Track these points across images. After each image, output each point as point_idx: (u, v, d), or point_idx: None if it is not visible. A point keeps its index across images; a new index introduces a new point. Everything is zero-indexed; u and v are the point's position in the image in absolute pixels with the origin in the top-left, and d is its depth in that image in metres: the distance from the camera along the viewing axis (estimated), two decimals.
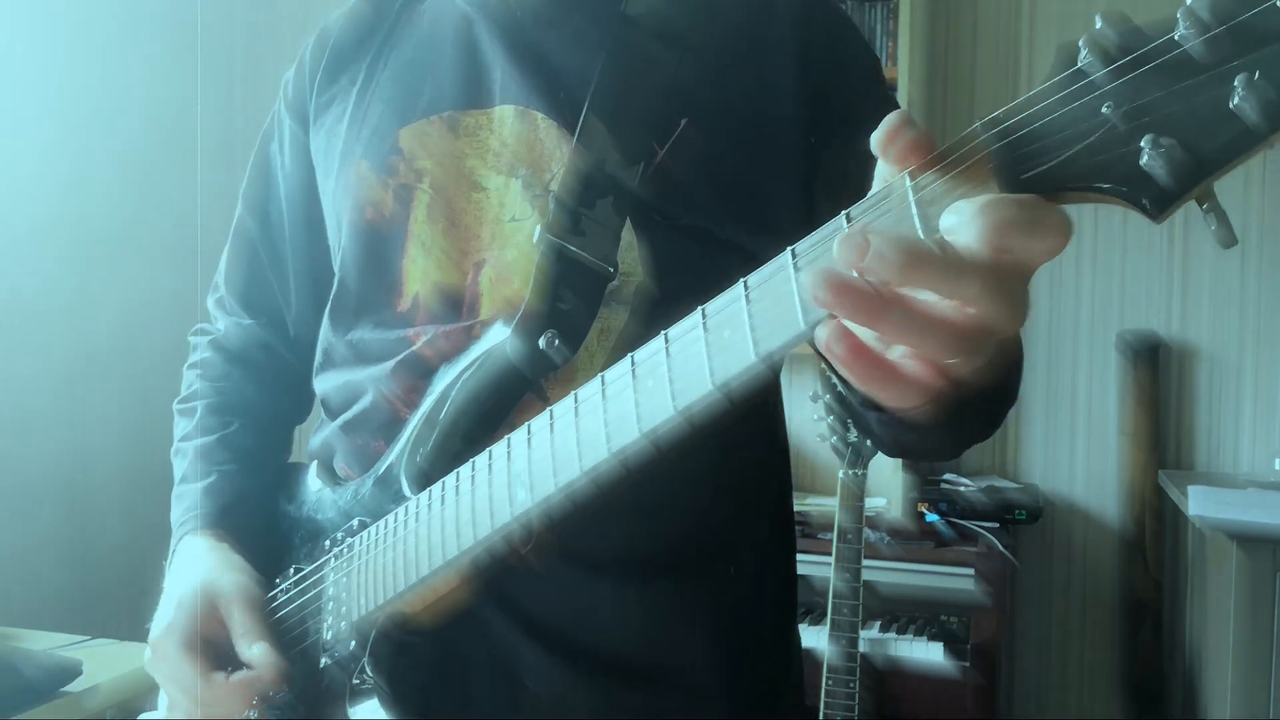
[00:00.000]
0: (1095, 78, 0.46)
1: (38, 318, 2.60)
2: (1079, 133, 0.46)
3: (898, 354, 0.52)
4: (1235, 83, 0.42)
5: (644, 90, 0.90)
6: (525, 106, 0.93)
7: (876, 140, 0.51)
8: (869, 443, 1.97)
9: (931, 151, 0.51)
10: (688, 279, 0.86)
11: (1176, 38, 0.44)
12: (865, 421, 0.76)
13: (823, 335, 0.50)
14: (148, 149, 2.90)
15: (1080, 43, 0.46)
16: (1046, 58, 2.88)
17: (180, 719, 0.96)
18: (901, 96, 2.63)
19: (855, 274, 0.48)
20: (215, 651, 0.93)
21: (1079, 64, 0.47)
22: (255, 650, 0.91)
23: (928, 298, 0.49)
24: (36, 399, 2.59)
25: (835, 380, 0.71)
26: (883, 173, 0.55)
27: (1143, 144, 0.45)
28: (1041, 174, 0.47)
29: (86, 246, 2.72)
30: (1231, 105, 0.43)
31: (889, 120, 0.51)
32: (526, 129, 0.92)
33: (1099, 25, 0.46)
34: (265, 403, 1.15)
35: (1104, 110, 0.45)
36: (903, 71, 2.65)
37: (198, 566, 0.98)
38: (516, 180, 0.92)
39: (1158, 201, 0.46)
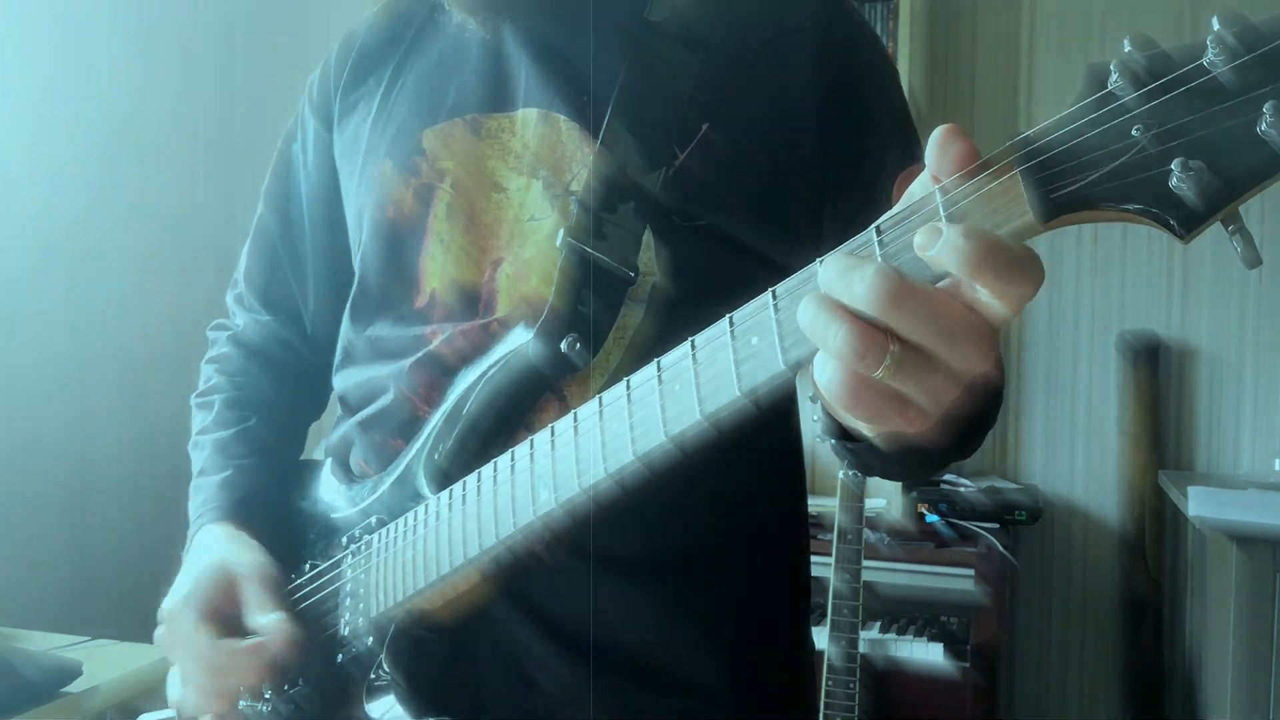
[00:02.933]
0: (1126, 100, 0.47)
1: (37, 319, 2.59)
2: (1109, 153, 0.48)
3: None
4: (1264, 109, 0.44)
5: (666, 95, 0.91)
6: (548, 110, 0.94)
7: (928, 154, 0.54)
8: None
9: (970, 163, 0.52)
10: (704, 280, 0.88)
11: (1205, 63, 0.45)
12: (842, 453, 0.77)
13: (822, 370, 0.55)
14: (147, 149, 2.89)
15: (1111, 66, 0.47)
16: (1046, 58, 2.89)
17: (192, 690, 0.97)
18: None
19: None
20: (229, 625, 0.95)
21: (1109, 87, 0.48)
22: (267, 618, 0.93)
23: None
24: (36, 400, 2.58)
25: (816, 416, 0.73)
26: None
27: (1172, 166, 0.46)
28: (1072, 193, 0.49)
29: (86, 248, 2.71)
30: (1259, 130, 0.44)
31: (938, 133, 0.53)
32: (549, 131, 0.93)
33: (1128, 49, 0.47)
34: (283, 398, 1.17)
35: (1134, 132, 0.47)
36: (903, 71, 2.64)
37: (215, 548, 1.00)
38: (537, 181, 0.93)
39: (1185, 222, 0.47)
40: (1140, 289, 2.84)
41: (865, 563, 2.26)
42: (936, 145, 0.53)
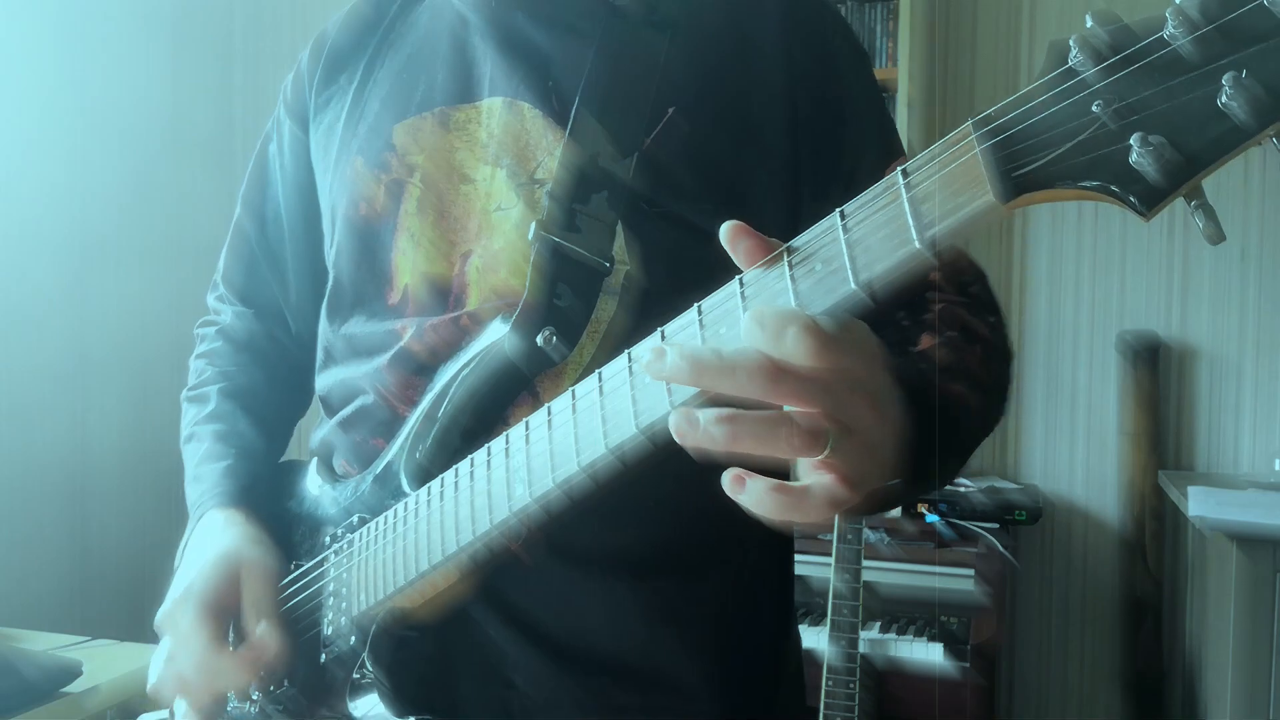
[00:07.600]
0: (1086, 76, 0.47)
1: (37, 318, 2.60)
2: (1069, 130, 0.47)
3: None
4: (1224, 81, 0.43)
5: (634, 80, 0.91)
6: (513, 98, 0.93)
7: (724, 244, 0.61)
8: None
9: (769, 253, 0.59)
10: (677, 269, 0.87)
11: (1165, 36, 0.45)
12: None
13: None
14: (147, 150, 2.90)
15: (1071, 41, 0.47)
16: None
17: (175, 681, 0.96)
18: (901, 97, 2.62)
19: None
20: (228, 620, 0.94)
21: (1069, 62, 0.47)
22: (261, 628, 0.92)
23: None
24: (36, 399, 2.59)
25: None
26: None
27: (1132, 141, 0.45)
28: (1032, 172, 0.48)
29: (86, 247, 2.72)
30: (1220, 103, 0.43)
31: (726, 230, 0.61)
32: (513, 120, 0.93)
33: (1090, 24, 0.47)
34: (275, 390, 1.17)
35: (1094, 108, 0.46)
36: (903, 71, 2.64)
37: (222, 536, 0.99)
38: (502, 170, 0.92)
39: (1146, 198, 0.46)
40: (1140, 289, 2.83)
41: (865, 563, 2.25)
42: (728, 241, 0.61)
